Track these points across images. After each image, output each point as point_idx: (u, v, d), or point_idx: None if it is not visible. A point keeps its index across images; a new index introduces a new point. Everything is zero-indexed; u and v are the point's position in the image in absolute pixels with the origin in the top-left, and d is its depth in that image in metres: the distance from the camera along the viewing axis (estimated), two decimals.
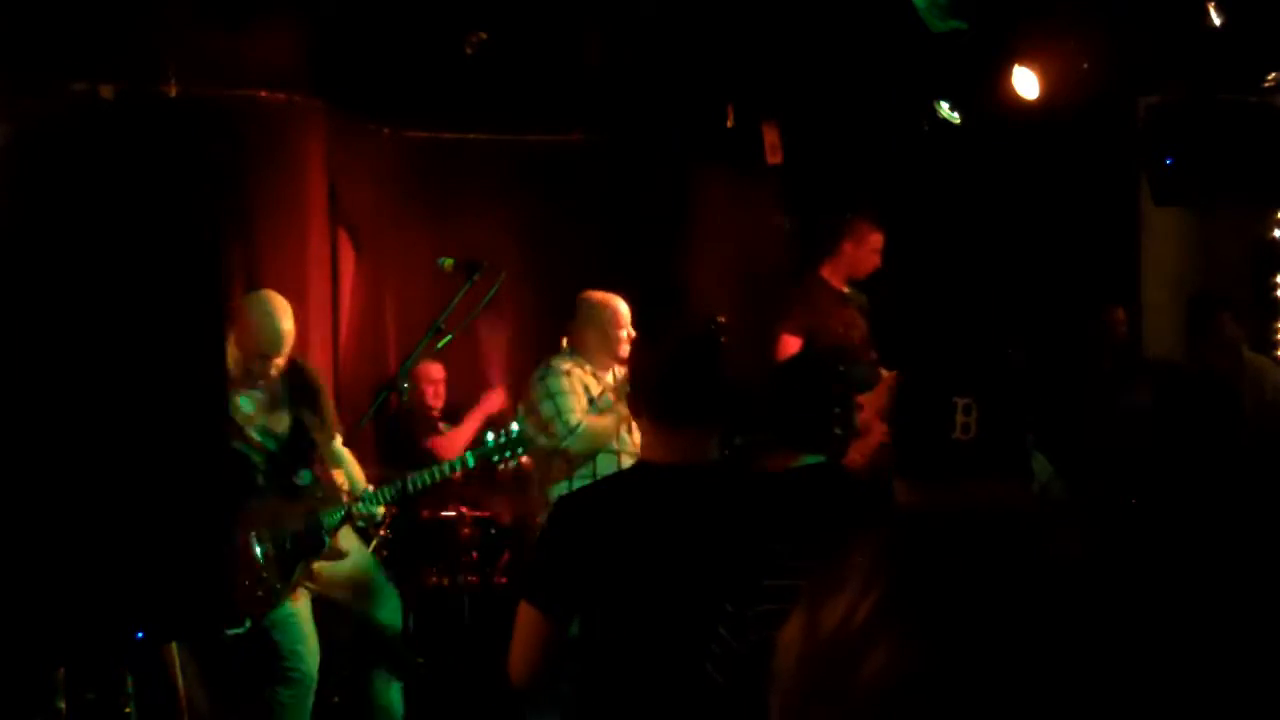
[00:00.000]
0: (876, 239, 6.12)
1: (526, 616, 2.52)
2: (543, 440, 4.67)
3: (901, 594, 0.71)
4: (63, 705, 4.69)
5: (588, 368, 4.80)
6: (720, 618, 2.13)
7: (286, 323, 4.48)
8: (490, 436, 4.69)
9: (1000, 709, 0.65)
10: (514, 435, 4.61)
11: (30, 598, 5.01)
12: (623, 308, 4.85)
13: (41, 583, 5.07)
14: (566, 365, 4.77)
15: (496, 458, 4.63)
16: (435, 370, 6.45)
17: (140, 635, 4.95)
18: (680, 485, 2.54)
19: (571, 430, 4.55)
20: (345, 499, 4.46)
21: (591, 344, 4.81)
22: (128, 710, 4.79)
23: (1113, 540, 0.71)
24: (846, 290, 6.11)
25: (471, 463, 4.63)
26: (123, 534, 5.33)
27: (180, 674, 4.88)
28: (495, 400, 6.15)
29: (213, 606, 5.39)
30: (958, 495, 0.74)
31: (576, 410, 4.59)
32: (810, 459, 3.18)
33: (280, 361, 4.46)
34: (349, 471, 4.62)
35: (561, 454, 4.63)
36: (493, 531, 5.97)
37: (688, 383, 2.61)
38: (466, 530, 5.74)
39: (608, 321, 4.80)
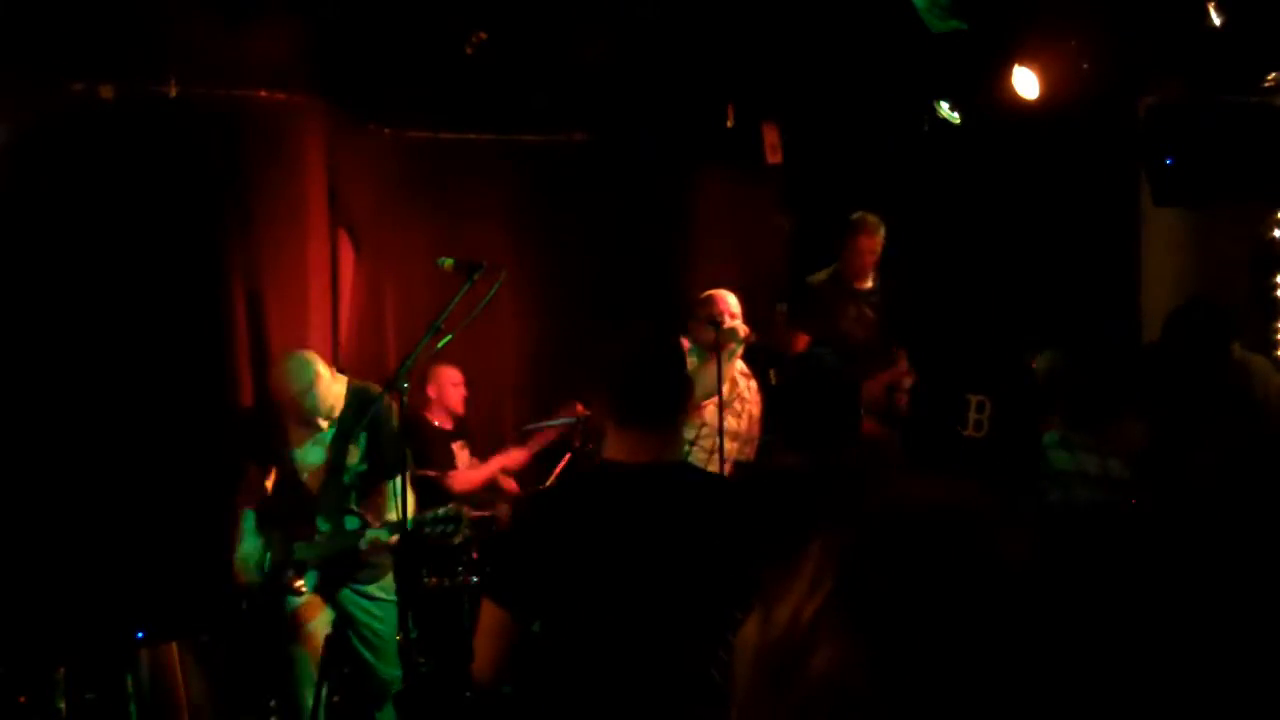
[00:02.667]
0: (873, 237, 6.25)
1: (489, 614, 2.57)
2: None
3: (847, 592, 0.73)
4: (63, 705, 4.70)
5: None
6: (731, 624, 2.14)
7: (308, 384, 4.64)
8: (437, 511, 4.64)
9: (937, 703, 0.66)
10: (453, 514, 4.60)
11: (31, 598, 5.02)
12: (726, 298, 5.37)
13: (42, 583, 5.08)
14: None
15: (428, 530, 4.56)
16: (455, 374, 6.43)
17: (140, 635, 4.97)
18: (638, 484, 2.58)
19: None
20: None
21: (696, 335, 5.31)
22: (128, 710, 4.80)
23: (1061, 543, 0.73)
24: (860, 286, 6.25)
25: (410, 526, 4.47)
26: (123, 535, 5.34)
27: (180, 674, 4.89)
28: (517, 457, 6.24)
29: (211, 605, 5.40)
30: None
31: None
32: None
33: (323, 416, 4.69)
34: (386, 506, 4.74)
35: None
36: (493, 531, 5.97)
37: (646, 384, 2.66)
38: (466, 530, 5.73)
39: (701, 312, 5.33)
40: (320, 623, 4.66)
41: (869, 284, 6.33)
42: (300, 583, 4.57)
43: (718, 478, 3.06)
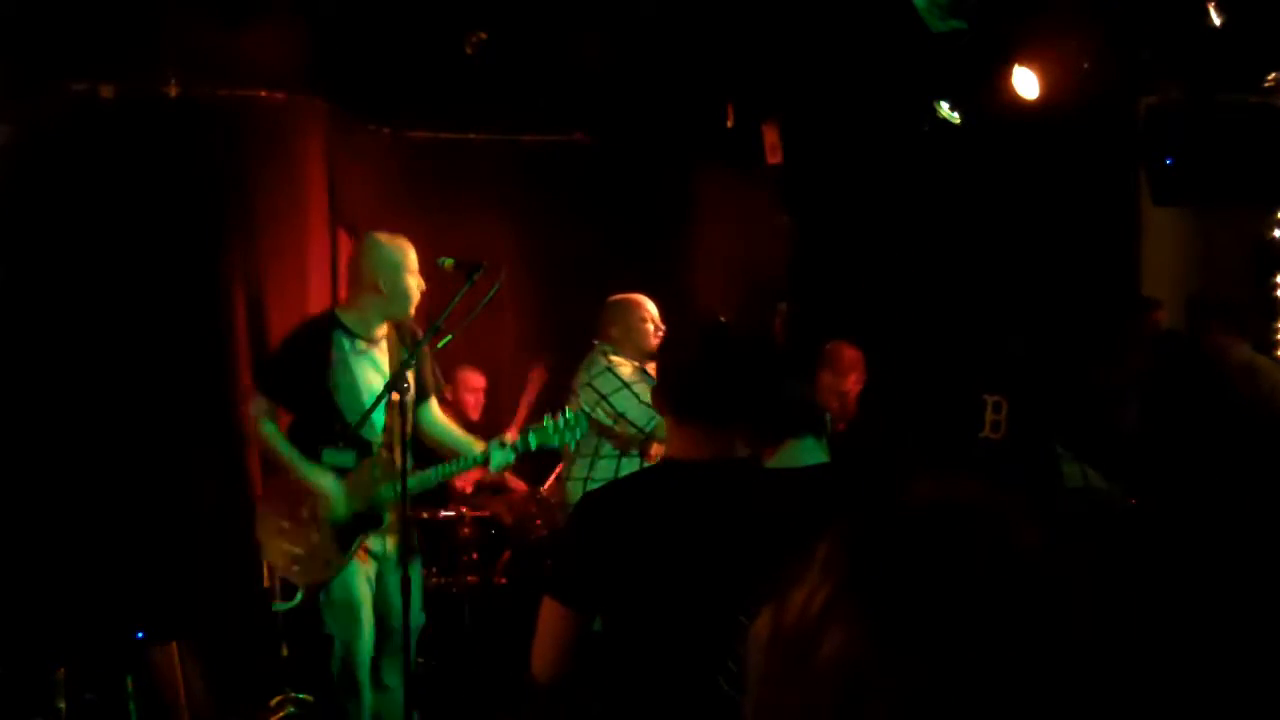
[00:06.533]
0: (841, 376, 5.53)
1: (550, 612, 2.52)
2: (620, 429, 4.86)
3: (855, 581, 0.74)
4: (63, 705, 4.70)
5: (632, 362, 5.03)
6: (738, 632, 2.11)
7: (412, 260, 4.58)
8: (548, 421, 4.57)
9: (944, 691, 0.67)
10: (571, 418, 4.56)
11: (31, 598, 5.02)
12: (650, 305, 5.13)
13: (42, 583, 5.08)
14: (617, 359, 5.00)
15: (556, 439, 4.56)
16: (475, 379, 6.47)
17: (140, 635, 4.97)
18: (705, 482, 2.55)
19: (653, 417, 4.70)
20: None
21: (624, 341, 5.06)
22: (128, 710, 4.80)
23: (1070, 535, 0.74)
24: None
25: (534, 444, 4.53)
26: (123, 536, 5.34)
27: (181, 674, 4.89)
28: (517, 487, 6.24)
29: (213, 606, 5.40)
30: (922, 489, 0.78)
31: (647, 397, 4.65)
32: (805, 445, 3.18)
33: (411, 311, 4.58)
34: (447, 435, 4.70)
35: (637, 439, 4.87)
36: (493, 532, 5.97)
37: (710, 379, 2.61)
38: (466, 530, 5.74)
39: (639, 319, 5.08)
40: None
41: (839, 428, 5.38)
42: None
43: (780, 476, 3.02)
